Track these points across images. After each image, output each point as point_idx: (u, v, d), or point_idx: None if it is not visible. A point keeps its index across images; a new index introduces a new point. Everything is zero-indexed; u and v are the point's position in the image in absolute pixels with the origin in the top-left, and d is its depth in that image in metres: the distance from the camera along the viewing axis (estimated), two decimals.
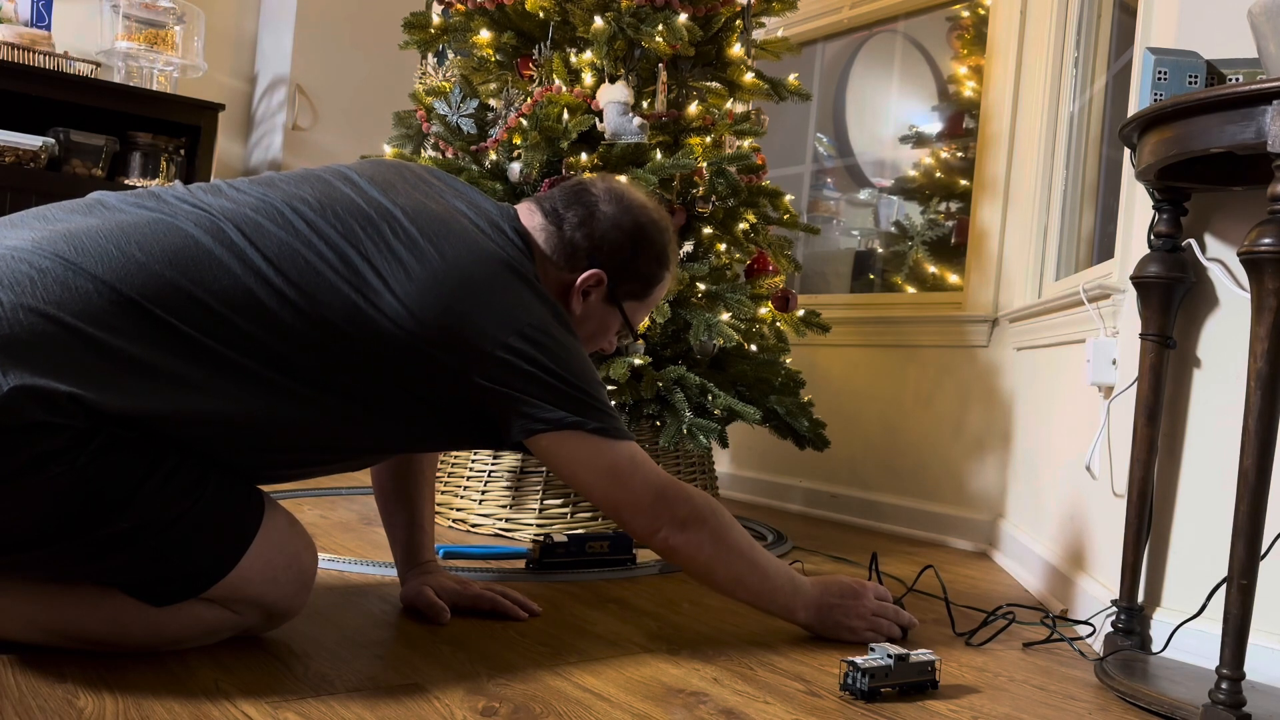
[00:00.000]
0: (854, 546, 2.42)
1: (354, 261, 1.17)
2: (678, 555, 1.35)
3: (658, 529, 1.33)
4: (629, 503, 1.32)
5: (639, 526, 1.34)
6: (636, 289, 1.42)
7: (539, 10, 2.24)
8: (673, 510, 1.33)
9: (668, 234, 1.43)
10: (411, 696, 1.11)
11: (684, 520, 1.33)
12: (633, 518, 1.33)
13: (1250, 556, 1.16)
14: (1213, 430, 1.47)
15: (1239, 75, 1.39)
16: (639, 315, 1.46)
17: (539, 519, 2.14)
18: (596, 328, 1.43)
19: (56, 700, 1.00)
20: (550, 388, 1.24)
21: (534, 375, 1.23)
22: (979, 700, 1.27)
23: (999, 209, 2.67)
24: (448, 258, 1.22)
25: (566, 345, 1.27)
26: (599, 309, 1.40)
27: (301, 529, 1.27)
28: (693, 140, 2.23)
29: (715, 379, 2.19)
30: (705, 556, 1.36)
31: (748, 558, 1.39)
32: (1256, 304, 1.16)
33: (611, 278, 1.38)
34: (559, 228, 1.36)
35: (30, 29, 3.21)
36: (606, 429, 1.28)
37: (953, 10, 3.01)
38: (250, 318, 1.13)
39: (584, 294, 1.38)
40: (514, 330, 1.22)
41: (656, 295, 1.46)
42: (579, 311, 1.38)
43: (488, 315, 1.21)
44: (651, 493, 1.32)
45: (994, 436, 2.58)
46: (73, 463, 1.03)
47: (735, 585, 1.40)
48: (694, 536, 1.34)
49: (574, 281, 1.36)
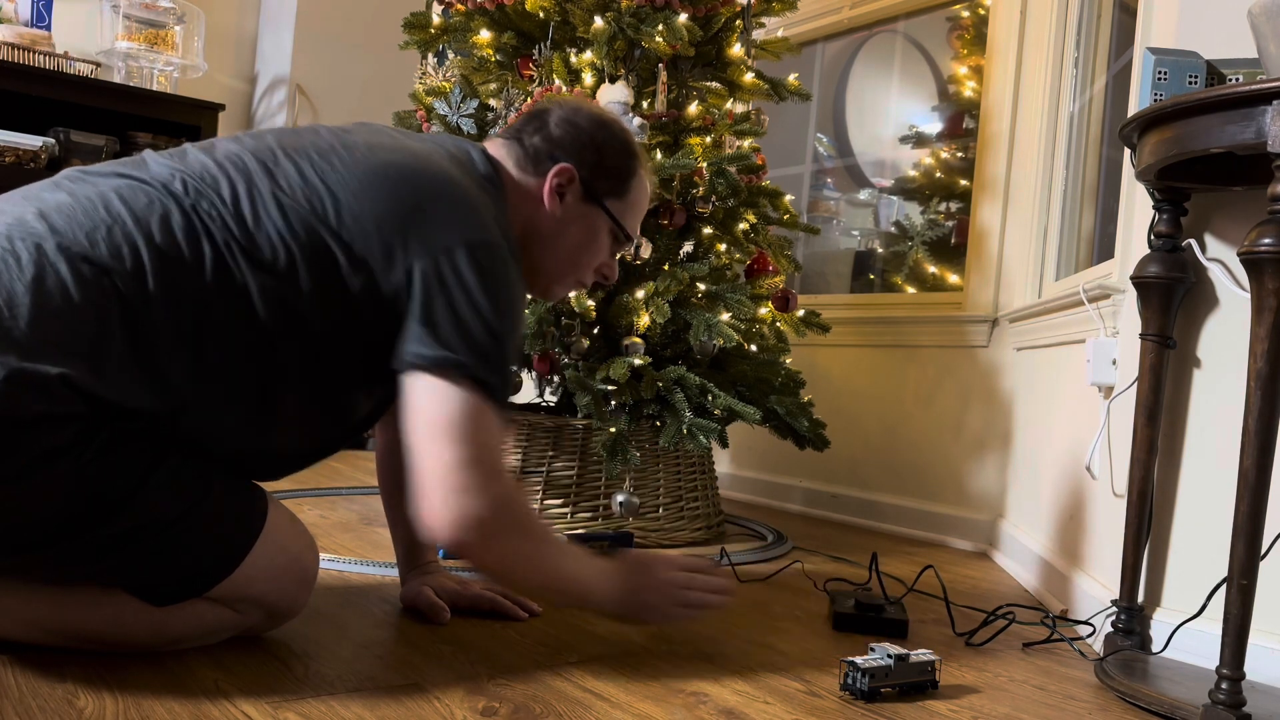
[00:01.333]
0: (854, 546, 2.42)
1: (312, 179, 1.17)
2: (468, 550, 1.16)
3: (451, 512, 1.13)
4: (443, 475, 1.13)
5: (427, 494, 1.13)
6: (614, 185, 1.37)
7: (539, 10, 2.24)
8: (475, 500, 1.13)
9: (628, 131, 1.41)
10: (411, 696, 1.11)
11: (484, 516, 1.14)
12: (425, 478, 1.13)
13: (1250, 556, 1.16)
14: (1213, 430, 1.47)
15: (1239, 75, 1.39)
16: (628, 216, 1.40)
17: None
18: (584, 233, 1.38)
19: (56, 700, 1.00)
20: (460, 319, 1.15)
21: (454, 298, 1.15)
22: (979, 700, 1.27)
23: (999, 209, 2.67)
24: (417, 158, 1.21)
25: (505, 283, 1.19)
26: (579, 210, 1.36)
27: (303, 528, 1.27)
28: (693, 140, 2.23)
29: (715, 379, 2.19)
30: (503, 550, 1.18)
31: (552, 547, 1.24)
32: (1256, 304, 1.16)
33: (583, 173, 1.34)
34: (520, 143, 1.35)
35: (30, 29, 3.21)
36: (483, 381, 1.15)
37: (953, 10, 3.01)
38: (220, 273, 1.11)
39: (559, 194, 1.34)
40: (464, 241, 1.17)
41: (638, 193, 1.41)
42: (559, 214, 1.34)
43: (446, 218, 1.18)
44: (468, 464, 1.13)
45: (994, 436, 2.58)
46: (77, 459, 1.02)
47: (534, 572, 1.23)
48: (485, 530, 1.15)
49: (543, 183, 1.34)
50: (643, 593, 1.30)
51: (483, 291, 1.16)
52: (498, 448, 1.18)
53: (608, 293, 2.16)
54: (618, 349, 2.11)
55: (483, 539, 1.14)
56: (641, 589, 1.30)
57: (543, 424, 2.20)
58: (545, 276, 1.41)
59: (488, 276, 1.17)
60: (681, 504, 2.27)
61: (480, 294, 1.16)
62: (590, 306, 2.02)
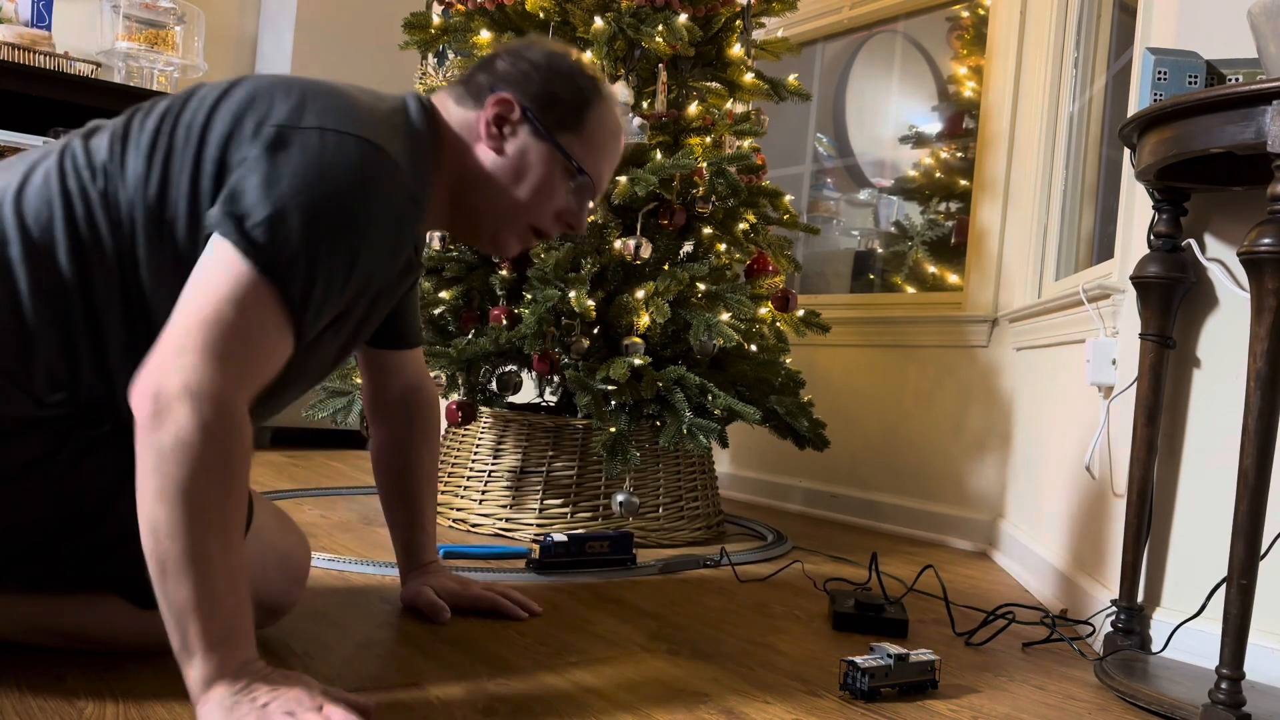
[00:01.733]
0: (854, 546, 2.42)
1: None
2: (151, 430, 0.91)
3: (151, 393, 0.91)
4: (169, 326, 0.95)
5: (143, 380, 0.92)
6: (565, 116, 1.21)
7: (539, 10, 2.24)
8: (183, 381, 0.91)
9: (583, 60, 1.26)
10: (411, 696, 1.11)
11: (181, 415, 0.90)
12: (153, 357, 0.93)
13: (1250, 556, 1.16)
14: (1212, 430, 1.47)
15: (1239, 75, 1.39)
16: (588, 153, 1.24)
17: (539, 519, 2.14)
18: (541, 177, 1.21)
19: (56, 700, 1.00)
20: (273, 193, 0.98)
21: (277, 174, 0.99)
22: (979, 700, 1.27)
23: (999, 209, 2.67)
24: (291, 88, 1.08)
25: (349, 192, 1.00)
26: (531, 148, 1.20)
27: (292, 525, 1.26)
28: (693, 140, 2.23)
29: (715, 379, 2.19)
30: (165, 483, 0.90)
31: (217, 544, 0.91)
32: (1256, 304, 1.16)
33: (525, 103, 1.20)
34: (464, 83, 1.24)
35: (30, 29, 3.21)
36: (274, 274, 0.96)
37: (953, 10, 3.01)
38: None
39: (500, 127, 1.20)
40: (321, 127, 1.02)
41: (596, 127, 1.24)
42: (508, 151, 1.20)
43: (311, 107, 1.04)
44: (197, 334, 0.93)
45: (994, 436, 2.58)
46: (46, 472, 1.00)
47: (173, 560, 0.90)
48: (176, 439, 0.90)
49: (482, 115, 1.20)
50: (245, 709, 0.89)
51: (324, 186, 0.99)
52: (256, 352, 0.96)
53: (608, 293, 2.16)
54: (618, 349, 2.11)
55: (161, 428, 0.89)
56: (246, 705, 0.90)
57: (543, 424, 2.20)
58: (490, 223, 1.24)
59: (341, 174, 1.00)
60: (681, 504, 2.27)
61: (319, 187, 0.99)
62: (590, 306, 2.02)
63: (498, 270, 2.22)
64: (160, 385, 0.91)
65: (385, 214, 1.04)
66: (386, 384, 1.47)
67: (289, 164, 1.00)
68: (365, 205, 1.02)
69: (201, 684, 0.90)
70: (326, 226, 0.99)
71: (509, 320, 2.13)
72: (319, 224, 0.98)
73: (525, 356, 2.15)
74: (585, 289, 2.03)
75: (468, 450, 2.27)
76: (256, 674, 0.92)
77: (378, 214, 1.03)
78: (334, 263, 1.01)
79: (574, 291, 2.02)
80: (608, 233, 2.12)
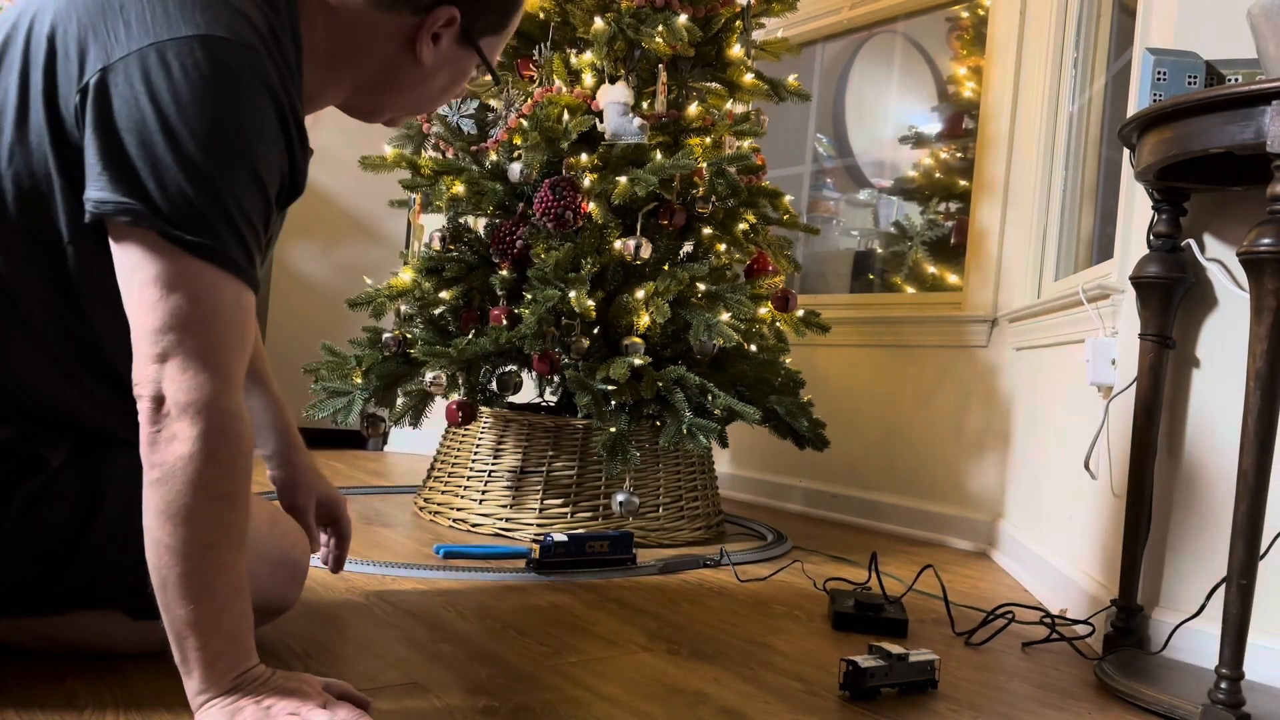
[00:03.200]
0: (854, 546, 2.42)
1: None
2: (155, 449, 0.87)
3: (150, 387, 0.87)
4: (134, 334, 0.88)
5: (134, 385, 0.88)
6: (494, 22, 1.15)
7: (539, 11, 2.25)
8: (183, 377, 0.87)
9: None
10: (411, 696, 1.11)
11: (186, 402, 0.87)
12: (139, 354, 0.88)
13: (1249, 556, 1.16)
14: (1212, 430, 1.47)
15: (1238, 75, 1.39)
16: (495, 51, 1.20)
17: (539, 519, 2.14)
18: (451, 76, 1.16)
19: (56, 700, 1.00)
20: (150, 153, 0.87)
21: (144, 121, 0.87)
22: (979, 700, 1.27)
23: (998, 209, 2.67)
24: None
25: (223, 100, 0.89)
26: (453, 53, 1.14)
27: (288, 525, 1.23)
28: (693, 141, 2.23)
29: (715, 379, 2.19)
30: (180, 477, 0.87)
31: (226, 540, 0.90)
32: (1256, 304, 1.16)
33: (465, 14, 1.11)
34: None
35: None
36: (196, 244, 0.88)
37: (952, 11, 3.01)
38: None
39: (434, 38, 1.11)
40: (154, 42, 0.88)
41: (513, 24, 1.20)
42: (429, 61, 1.11)
43: (138, 15, 0.90)
44: (161, 339, 0.87)
45: (994, 436, 2.58)
46: (0, 527, 0.95)
47: (178, 555, 0.88)
48: (187, 431, 0.87)
49: (420, 24, 1.09)
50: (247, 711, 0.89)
51: (186, 112, 0.87)
52: (231, 334, 0.90)
53: (608, 293, 2.16)
54: (618, 349, 2.11)
55: (166, 448, 0.87)
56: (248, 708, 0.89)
57: (543, 424, 2.20)
58: (387, 108, 1.17)
59: (196, 91, 0.88)
60: (681, 504, 2.27)
61: (180, 117, 0.87)
62: (590, 306, 2.02)
63: (498, 270, 2.22)
64: (156, 398, 0.87)
65: (251, 97, 0.91)
66: None
67: (128, 101, 0.87)
68: (228, 101, 0.89)
69: (200, 695, 0.89)
70: (202, 148, 0.88)
71: (509, 320, 2.13)
72: (192, 153, 0.87)
73: (525, 356, 2.16)
74: (585, 289, 2.03)
75: (468, 450, 2.27)
76: (256, 679, 0.91)
77: (244, 100, 0.90)
78: (247, 198, 0.91)
79: (574, 291, 2.02)
80: (608, 233, 2.12)
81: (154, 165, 0.87)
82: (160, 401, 0.87)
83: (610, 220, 2.13)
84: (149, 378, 0.87)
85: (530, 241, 2.14)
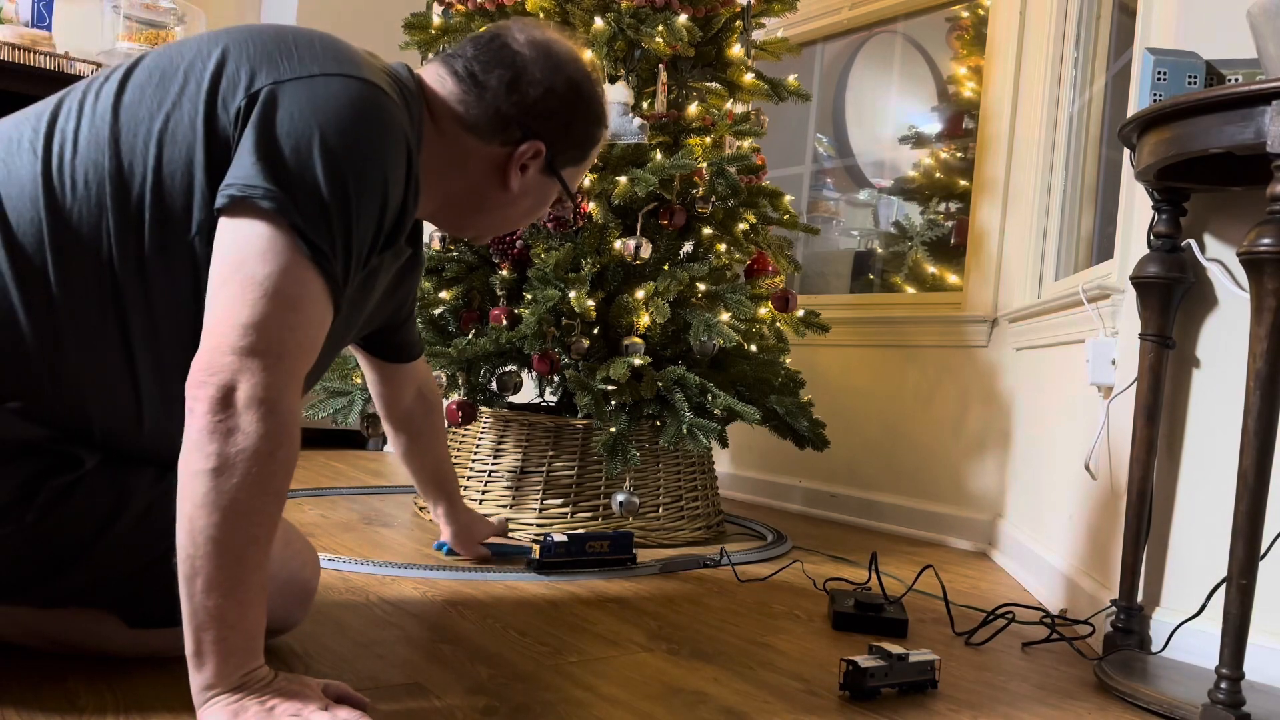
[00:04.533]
0: (854, 546, 2.43)
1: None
2: (215, 438, 0.87)
3: (213, 391, 0.88)
4: (216, 322, 0.90)
5: (198, 371, 0.89)
6: (575, 155, 1.27)
7: (539, 11, 2.24)
8: (253, 380, 0.88)
9: (600, 85, 1.28)
10: (411, 696, 1.11)
11: (251, 403, 0.88)
12: (203, 350, 0.90)
13: (1250, 556, 1.16)
14: (1212, 430, 1.47)
15: (1238, 76, 1.39)
16: (577, 180, 1.32)
17: (539, 519, 2.14)
18: (535, 201, 1.28)
19: (57, 700, 1.00)
20: (297, 150, 0.94)
21: (305, 134, 0.95)
22: (979, 700, 1.27)
23: (998, 209, 2.67)
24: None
25: (370, 143, 0.98)
26: (537, 182, 1.25)
27: (300, 545, 1.22)
28: (693, 141, 2.23)
29: (715, 379, 2.19)
30: (227, 485, 0.87)
31: (252, 550, 0.90)
32: (1256, 304, 1.16)
33: (550, 148, 1.22)
34: (480, 95, 1.17)
35: (31, 29, 3.21)
36: (317, 249, 0.93)
37: (952, 10, 3.01)
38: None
39: (522, 169, 1.22)
40: (324, 73, 0.99)
41: (593, 156, 1.31)
42: (516, 188, 1.22)
43: (306, 53, 1.00)
44: (251, 334, 0.89)
45: (994, 436, 2.58)
46: (19, 520, 0.96)
47: (212, 561, 0.88)
48: (245, 439, 0.87)
49: (509, 155, 1.20)
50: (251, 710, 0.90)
51: (343, 134, 0.95)
52: (307, 336, 0.93)
53: (608, 293, 2.16)
54: (618, 349, 2.11)
55: (228, 439, 0.87)
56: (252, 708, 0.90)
57: (543, 424, 2.20)
58: (474, 227, 1.29)
59: (354, 120, 0.97)
60: (681, 504, 2.27)
61: (337, 137, 0.95)
62: (590, 306, 2.02)
63: (498, 270, 2.22)
64: (227, 388, 0.87)
65: (397, 142, 1.01)
66: (398, 395, 1.60)
67: (292, 114, 0.95)
68: (379, 135, 0.98)
69: (207, 690, 0.89)
70: (347, 165, 0.95)
71: (509, 320, 2.13)
72: (339, 166, 0.94)
73: (525, 356, 2.16)
74: (585, 289, 2.03)
75: (468, 450, 2.27)
76: (261, 680, 0.92)
77: (391, 141, 1.00)
78: (365, 225, 0.98)
79: (574, 291, 2.02)
80: (608, 233, 2.12)
81: (302, 170, 0.93)
82: (230, 391, 0.87)
83: (610, 220, 2.13)
84: (224, 366, 0.88)
85: (530, 241, 2.14)
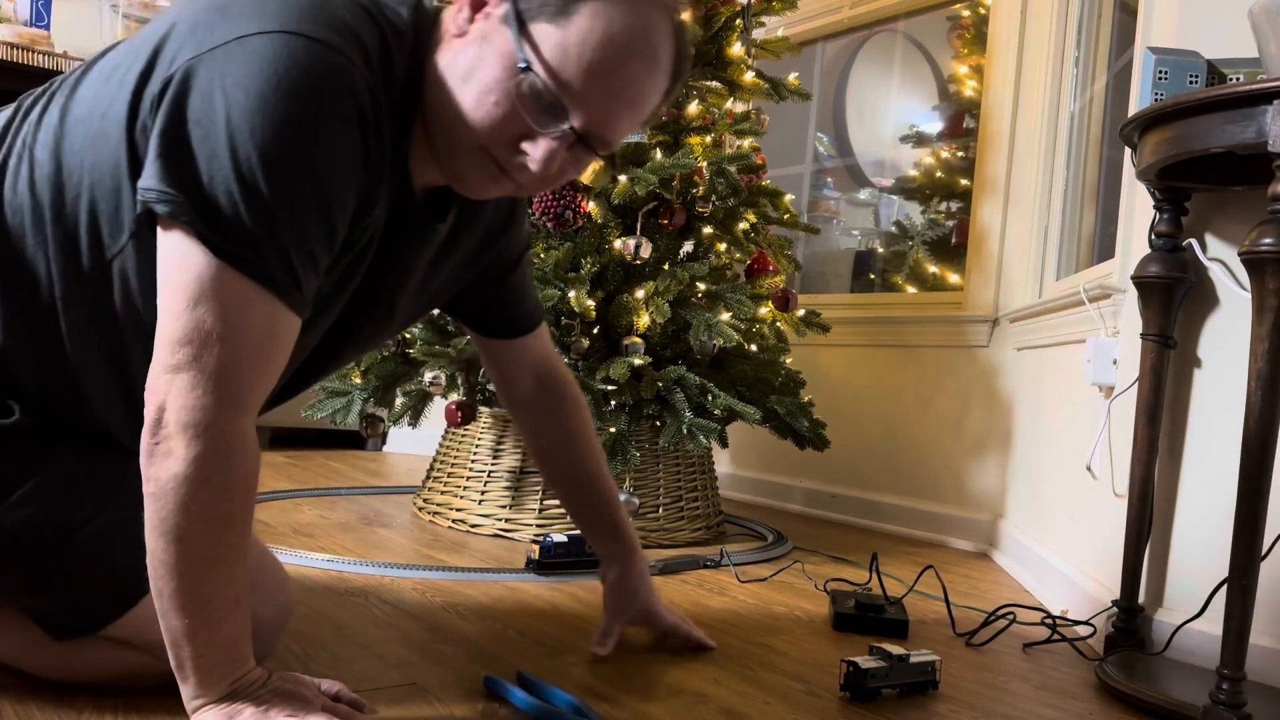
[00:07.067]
0: (854, 546, 2.42)
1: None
2: (152, 462, 0.83)
3: (159, 404, 0.83)
4: (157, 338, 0.84)
5: (146, 389, 0.84)
6: (550, 6, 0.89)
7: None
8: (190, 396, 0.82)
9: None
10: (411, 696, 1.11)
11: (187, 422, 0.82)
12: (155, 360, 0.84)
13: (1251, 557, 1.15)
14: (1213, 430, 1.47)
15: (1239, 75, 1.39)
16: (567, 56, 0.88)
17: (539, 519, 2.14)
18: (489, 76, 0.90)
19: (56, 701, 1.00)
20: (213, 149, 0.81)
21: (213, 114, 0.81)
22: (979, 700, 1.27)
23: (999, 209, 2.67)
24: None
25: (295, 114, 0.82)
26: (493, 35, 0.90)
27: (272, 582, 1.10)
28: (693, 140, 2.23)
29: (715, 379, 2.19)
30: (177, 497, 0.83)
31: (225, 555, 0.86)
32: (1257, 304, 1.16)
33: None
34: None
35: (30, 29, 3.20)
36: (229, 253, 0.82)
37: (953, 10, 3.01)
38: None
39: (475, 9, 0.92)
40: (242, 34, 0.83)
41: (592, 25, 0.88)
42: (468, 37, 0.92)
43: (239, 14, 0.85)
44: (178, 350, 0.82)
45: (994, 436, 2.58)
46: None
47: (171, 569, 0.84)
48: (185, 451, 0.82)
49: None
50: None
51: (254, 109, 0.81)
52: (253, 357, 0.84)
53: (608, 293, 2.16)
54: (618, 349, 2.11)
55: (159, 463, 0.83)
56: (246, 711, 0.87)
57: None
58: (444, 144, 0.95)
59: (269, 88, 0.81)
60: (681, 504, 2.27)
61: (245, 114, 0.81)
62: (590, 306, 2.02)
63: None
64: (160, 409, 0.83)
65: (335, 112, 0.84)
66: (515, 376, 1.30)
67: (203, 93, 0.81)
68: (309, 107, 0.83)
69: (195, 700, 0.88)
70: (277, 168, 0.82)
71: None
72: (252, 153, 0.81)
73: None
74: (585, 289, 2.03)
75: (467, 450, 2.27)
76: (254, 683, 0.90)
77: (325, 113, 0.83)
78: (303, 214, 0.84)
79: (574, 291, 2.02)
80: (607, 232, 2.12)
81: (210, 160, 0.81)
82: (163, 412, 0.82)
83: (610, 220, 2.13)
84: (159, 387, 0.83)
85: (530, 241, 2.14)
